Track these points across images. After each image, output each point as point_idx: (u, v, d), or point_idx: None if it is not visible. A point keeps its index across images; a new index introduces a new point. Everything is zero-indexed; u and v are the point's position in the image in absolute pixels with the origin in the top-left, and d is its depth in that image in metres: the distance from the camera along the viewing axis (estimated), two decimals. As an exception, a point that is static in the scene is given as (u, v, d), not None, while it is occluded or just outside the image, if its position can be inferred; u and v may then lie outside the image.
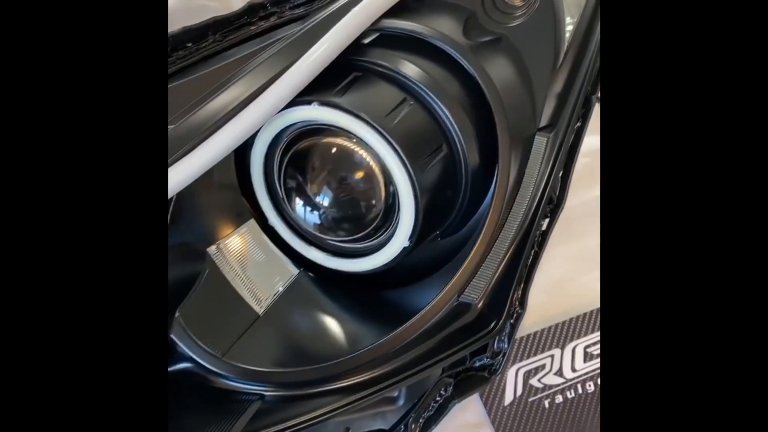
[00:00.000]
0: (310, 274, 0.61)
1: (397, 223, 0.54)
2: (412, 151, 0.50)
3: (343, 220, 0.55)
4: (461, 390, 0.59)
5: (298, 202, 0.56)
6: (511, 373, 0.74)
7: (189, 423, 0.53)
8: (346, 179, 0.54)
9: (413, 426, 0.59)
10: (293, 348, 0.57)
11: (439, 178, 0.53)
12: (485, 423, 0.73)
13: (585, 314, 0.75)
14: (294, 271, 0.61)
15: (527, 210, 0.55)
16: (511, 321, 0.57)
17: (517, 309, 0.56)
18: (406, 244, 0.54)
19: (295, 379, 0.53)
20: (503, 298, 0.55)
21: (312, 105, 0.50)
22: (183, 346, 0.53)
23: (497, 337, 0.57)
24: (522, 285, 0.56)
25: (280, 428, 0.51)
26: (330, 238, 0.58)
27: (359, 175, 0.54)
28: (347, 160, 0.53)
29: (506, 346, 0.58)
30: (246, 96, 0.50)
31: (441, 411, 0.59)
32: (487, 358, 0.58)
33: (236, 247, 0.58)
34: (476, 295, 0.54)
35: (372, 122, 0.49)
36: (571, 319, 0.74)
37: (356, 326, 0.59)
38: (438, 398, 0.59)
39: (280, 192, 0.58)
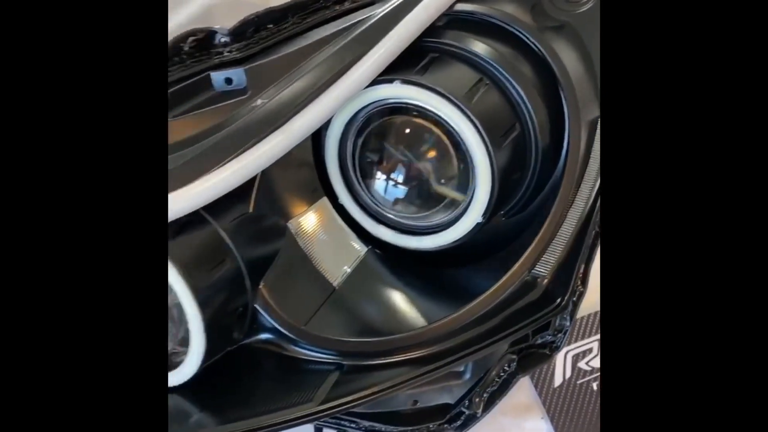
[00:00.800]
0: (377, 251, 0.63)
1: (470, 200, 0.55)
2: (491, 129, 0.52)
3: (418, 197, 0.57)
4: (524, 366, 0.60)
5: (373, 180, 0.58)
6: (560, 357, 0.76)
7: (270, 393, 0.55)
8: (422, 156, 0.56)
9: (477, 400, 0.60)
10: (366, 322, 0.59)
11: (512, 157, 0.55)
12: (536, 404, 0.75)
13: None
14: (362, 249, 0.63)
15: (591, 190, 0.57)
16: (574, 299, 0.58)
17: (580, 287, 0.58)
18: (480, 219, 0.55)
19: (372, 348, 0.55)
20: (568, 276, 0.57)
21: (394, 83, 0.52)
22: (266, 316, 0.54)
23: (560, 315, 0.59)
24: (584, 264, 0.58)
25: (357, 397, 0.53)
26: (400, 216, 0.60)
27: (435, 152, 0.56)
28: (424, 137, 0.55)
29: (568, 323, 0.60)
30: (330, 76, 0.52)
31: (505, 386, 0.60)
32: (549, 335, 0.60)
33: (311, 223, 0.60)
34: (545, 271, 0.56)
35: (454, 100, 0.51)
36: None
37: (423, 302, 0.61)
38: (502, 373, 0.60)
39: (353, 171, 0.59)
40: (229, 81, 0.53)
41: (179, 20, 0.81)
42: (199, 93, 0.53)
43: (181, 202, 0.48)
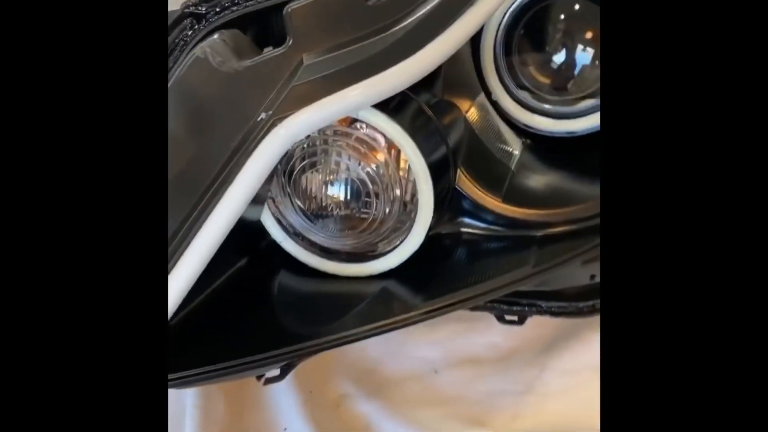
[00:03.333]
0: (529, 141, 0.67)
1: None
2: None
3: (582, 73, 0.61)
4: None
5: (533, 66, 0.62)
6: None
7: (476, 269, 0.57)
8: (587, 32, 0.60)
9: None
10: (542, 197, 0.62)
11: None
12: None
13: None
14: (519, 140, 0.66)
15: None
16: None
17: None
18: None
19: (561, 217, 0.58)
20: None
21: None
22: (467, 195, 0.58)
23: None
24: None
25: (565, 258, 0.56)
26: (555, 103, 0.64)
27: (593, 30, 0.60)
28: (590, 15, 0.59)
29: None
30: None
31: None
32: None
33: (476, 117, 0.63)
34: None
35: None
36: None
37: (583, 182, 0.64)
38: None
39: (504, 66, 0.63)
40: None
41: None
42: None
43: (396, 77, 0.50)
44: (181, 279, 0.51)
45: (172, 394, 0.68)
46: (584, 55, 0.61)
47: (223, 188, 0.49)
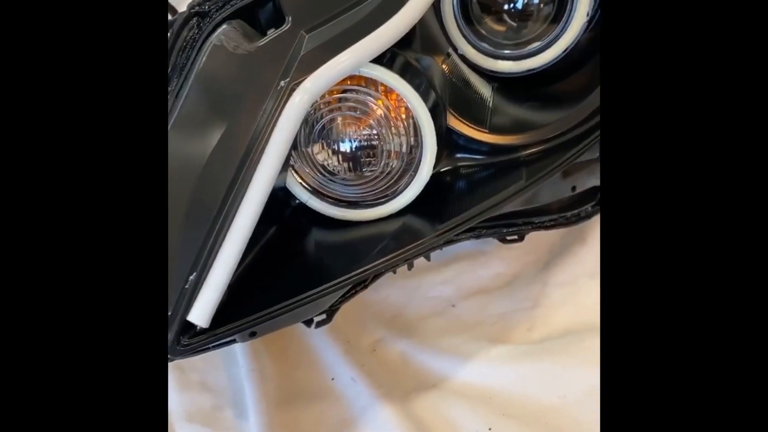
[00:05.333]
0: (497, 84, 0.76)
1: (573, 7, 0.70)
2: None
3: (531, 15, 0.71)
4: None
5: (489, 17, 0.72)
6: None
7: (476, 195, 0.66)
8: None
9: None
10: (520, 123, 0.71)
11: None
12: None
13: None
14: (489, 85, 0.76)
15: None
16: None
17: None
18: (585, 19, 0.70)
19: (542, 136, 0.68)
20: None
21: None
22: (459, 131, 0.67)
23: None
24: None
25: (552, 168, 0.65)
26: (513, 48, 0.74)
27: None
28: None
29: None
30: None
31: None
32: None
33: (449, 69, 0.72)
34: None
35: None
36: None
37: (552, 109, 0.74)
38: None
39: (462, 20, 0.73)
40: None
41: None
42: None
43: (384, 35, 0.59)
44: (230, 251, 0.57)
45: (230, 362, 0.75)
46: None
47: (257, 156, 0.57)
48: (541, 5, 0.72)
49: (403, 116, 0.64)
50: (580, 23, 0.71)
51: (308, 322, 0.66)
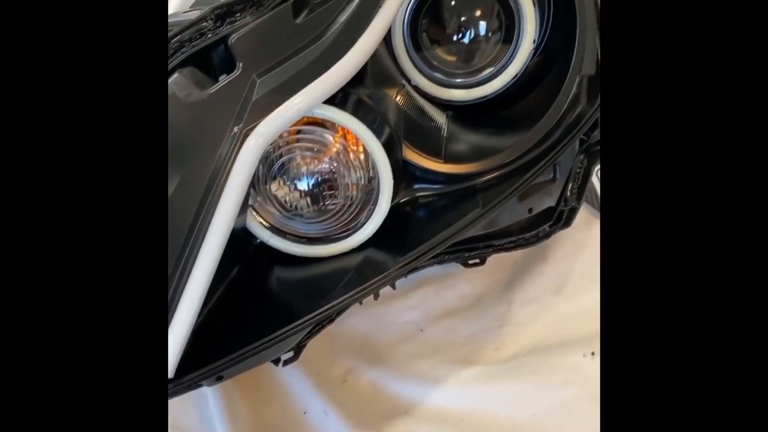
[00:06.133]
0: (451, 112, 0.78)
1: (520, 34, 0.72)
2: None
3: (480, 46, 0.73)
4: (591, 161, 0.77)
5: (441, 48, 0.73)
6: (594, 177, 0.94)
7: (435, 224, 0.67)
8: (475, 11, 0.72)
9: (570, 195, 0.76)
10: (477, 153, 0.73)
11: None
12: (596, 216, 0.93)
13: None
14: (443, 113, 0.77)
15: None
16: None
17: None
18: (533, 46, 0.72)
19: (497, 162, 0.70)
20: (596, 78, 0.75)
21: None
22: (415, 164, 0.68)
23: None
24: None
25: (509, 192, 0.67)
26: (467, 75, 0.76)
27: (485, 7, 0.72)
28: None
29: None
30: None
31: (585, 179, 0.77)
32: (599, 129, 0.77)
33: (403, 100, 0.74)
34: (590, 69, 0.73)
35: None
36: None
37: (505, 134, 0.76)
38: (579, 169, 0.77)
39: (414, 53, 0.74)
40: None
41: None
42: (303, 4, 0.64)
43: (335, 77, 0.60)
44: (192, 297, 0.57)
45: (201, 402, 0.74)
46: (478, 30, 0.73)
47: (215, 200, 0.57)
48: (489, 35, 0.74)
49: (360, 150, 0.65)
50: (527, 50, 0.73)
51: (276, 361, 0.67)
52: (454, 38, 0.74)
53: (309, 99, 0.59)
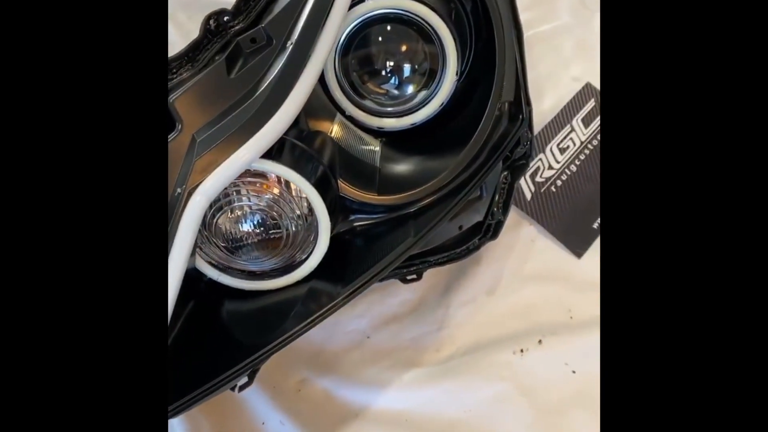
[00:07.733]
0: (384, 139, 0.83)
1: (444, 69, 0.77)
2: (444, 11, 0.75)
3: (407, 78, 0.78)
4: (515, 176, 0.84)
5: (370, 82, 0.78)
6: (522, 181, 1.02)
7: (372, 254, 0.73)
8: (401, 47, 0.77)
9: (497, 209, 0.83)
10: (410, 181, 0.79)
11: (459, 30, 0.78)
12: (523, 218, 1.00)
13: (549, 122, 1.04)
14: (377, 141, 0.83)
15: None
16: (529, 112, 0.82)
17: (528, 105, 0.82)
18: (455, 78, 0.78)
19: (432, 189, 0.76)
20: (519, 99, 0.81)
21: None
22: (350, 198, 0.73)
23: (526, 128, 0.83)
24: (524, 86, 0.82)
25: (440, 218, 0.73)
26: (396, 105, 0.81)
27: (410, 43, 0.77)
28: (400, 33, 0.76)
29: (529, 134, 0.84)
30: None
31: (509, 194, 0.84)
32: (523, 145, 0.83)
33: (338, 133, 0.79)
34: (510, 95, 0.79)
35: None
36: (543, 128, 1.03)
37: (434, 159, 0.82)
38: (504, 184, 0.84)
39: (347, 85, 0.79)
40: (253, 40, 0.68)
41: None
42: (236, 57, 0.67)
43: (270, 132, 0.64)
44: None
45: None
46: (405, 63, 0.78)
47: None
48: (415, 68, 0.79)
49: (295, 190, 0.69)
50: (450, 81, 0.79)
51: (232, 388, 0.72)
52: (383, 72, 0.79)
53: (249, 154, 0.63)
